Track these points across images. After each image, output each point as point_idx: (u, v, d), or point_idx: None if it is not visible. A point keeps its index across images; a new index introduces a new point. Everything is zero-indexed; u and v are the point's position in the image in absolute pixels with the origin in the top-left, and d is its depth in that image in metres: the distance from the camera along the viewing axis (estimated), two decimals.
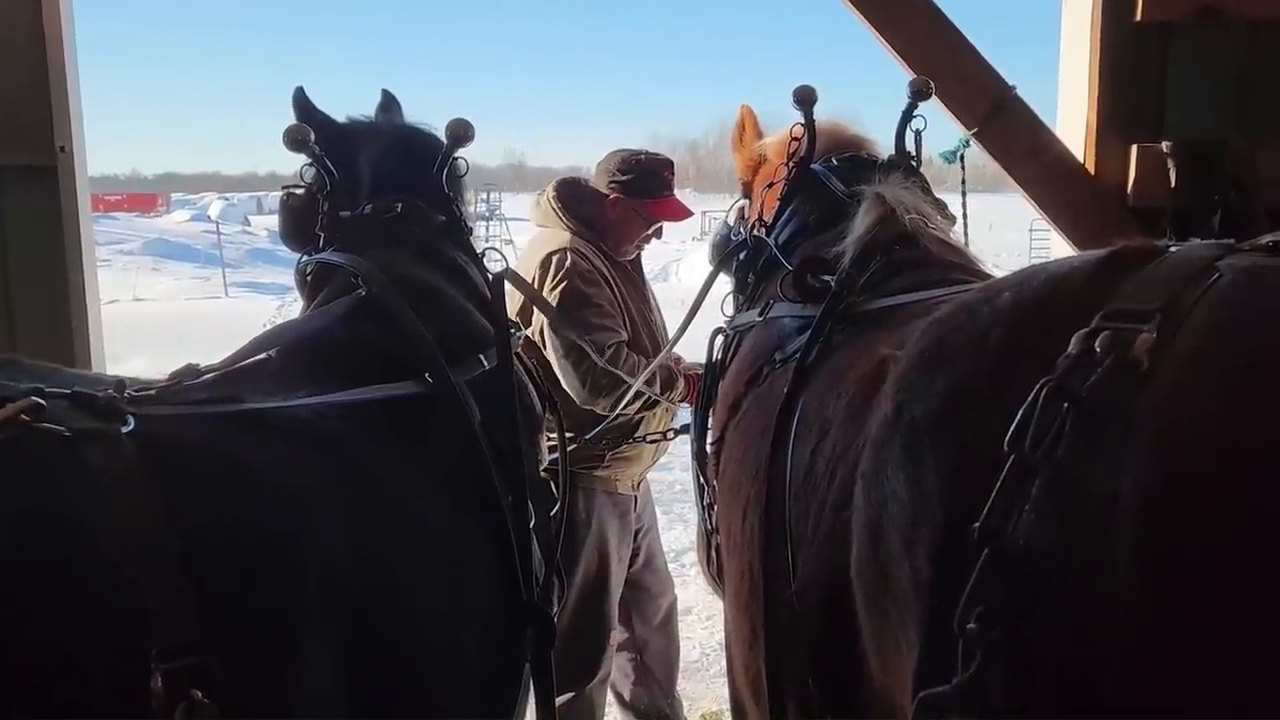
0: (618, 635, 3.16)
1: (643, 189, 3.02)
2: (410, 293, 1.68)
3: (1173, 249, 1.02)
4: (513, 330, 1.94)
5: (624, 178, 3.03)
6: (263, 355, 1.44)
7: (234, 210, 41.84)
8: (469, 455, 1.56)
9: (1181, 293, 0.90)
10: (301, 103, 1.97)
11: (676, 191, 3.24)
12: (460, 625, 1.45)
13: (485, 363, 1.70)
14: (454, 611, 1.43)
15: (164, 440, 1.10)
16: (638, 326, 3.04)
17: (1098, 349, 0.89)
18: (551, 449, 2.14)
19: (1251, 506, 0.75)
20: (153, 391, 1.19)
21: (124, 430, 1.06)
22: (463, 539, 1.50)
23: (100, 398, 1.08)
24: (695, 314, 2.44)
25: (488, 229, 21.77)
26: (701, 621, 4.60)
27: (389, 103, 2.14)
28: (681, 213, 3.16)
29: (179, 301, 18.27)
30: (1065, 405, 0.89)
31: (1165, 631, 0.78)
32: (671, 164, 3.16)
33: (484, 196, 25.05)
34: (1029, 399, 0.90)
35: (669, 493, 5.88)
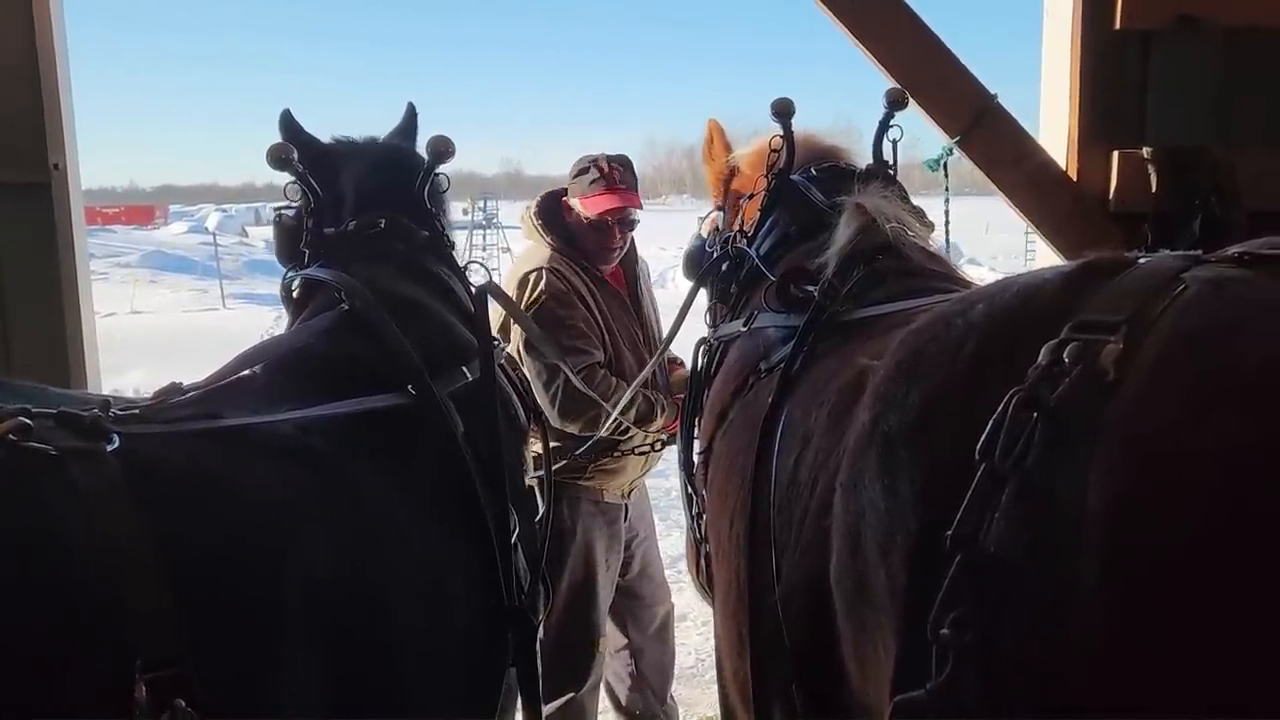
0: (608, 642, 3.16)
1: (581, 187, 3.00)
2: (393, 307, 1.70)
3: (1142, 260, 1.04)
4: (496, 343, 1.95)
5: (572, 181, 3.04)
6: (246, 372, 1.47)
7: (231, 221, 41.83)
8: (452, 465, 1.58)
9: (1148, 304, 0.92)
10: (287, 123, 2.00)
11: (676, 196, 3.20)
12: (443, 632, 1.47)
13: (468, 375, 1.72)
14: (437, 619, 1.46)
15: (148, 458, 1.13)
16: (620, 344, 3.01)
17: (1066, 359, 0.91)
18: (536, 459, 2.15)
19: (1214, 513, 0.77)
20: (137, 410, 1.21)
21: (109, 448, 1.09)
22: (446, 547, 1.52)
23: (85, 417, 1.10)
24: (675, 335, 2.45)
25: (485, 237, 21.76)
26: (697, 628, 4.62)
27: (409, 116, 2.16)
28: (607, 204, 2.96)
29: (176, 313, 18.27)
30: (1034, 415, 0.91)
31: (1131, 636, 0.80)
32: (613, 159, 3.03)
33: (481, 205, 25.04)
34: (999, 409, 0.92)
35: (665, 500, 5.89)
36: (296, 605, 1.16)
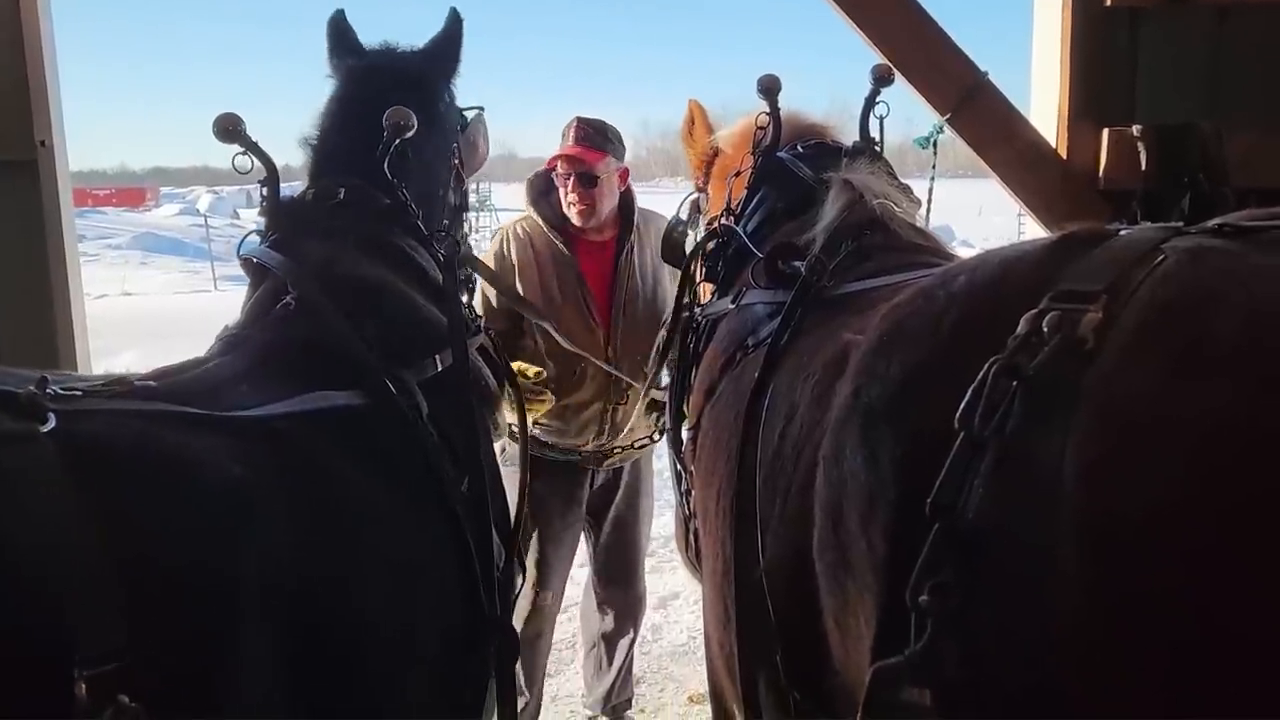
0: (548, 597, 3.21)
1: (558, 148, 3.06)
2: (351, 291, 1.60)
3: (1122, 232, 1.05)
4: (474, 318, 1.88)
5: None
6: (199, 369, 1.39)
7: (223, 204, 41.70)
8: (415, 463, 1.49)
9: (1127, 274, 0.93)
10: (337, 29, 1.97)
11: (670, 179, 3.19)
12: (417, 631, 1.41)
13: (439, 363, 1.63)
14: (410, 613, 1.39)
15: (88, 437, 1.06)
16: (570, 317, 3.00)
17: (1045, 329, 0.92)
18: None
19: (1188, 480, 0.78)
20: (79, 391, 1.13)
21: (44, 429, 1.02)
22: (415, 552, 1.45)
23: (20, 395, 1.03)
24: (671, 341, 2.41)
25: (478, 219, 21.74)
26: (689, 606, 4.65)
27: (451, 26, 2.02)
28: (557, 154, 3.03)
29: (168, 295, 18.20)
30: (1013, 383, 0.91)
31: (1106, 604, 0.81)
32: (587, 120, 3.07)
33: (474, 187, 24.96)
34: (978, 377, 0.93)
35: (657, 480, 5.91)
36: (254, 589, 1.10)
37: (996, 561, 0.89)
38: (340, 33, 2.01)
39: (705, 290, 2.32)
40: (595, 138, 3.04)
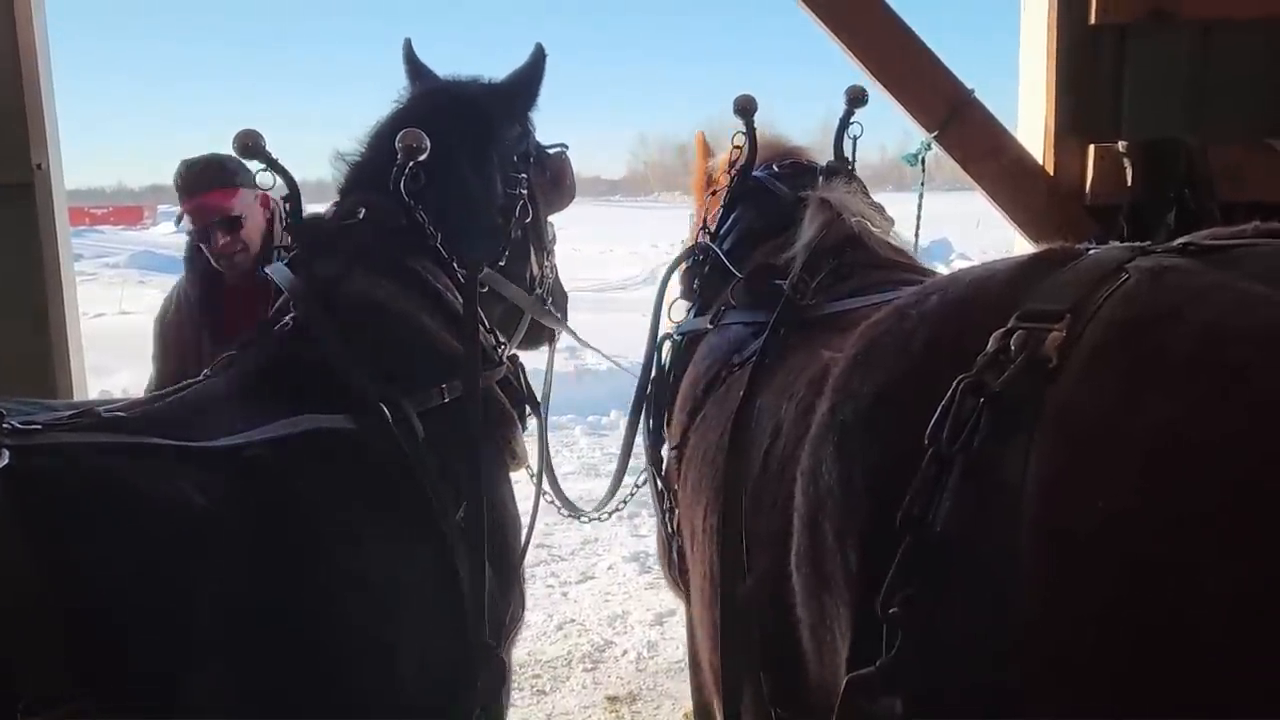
0: None
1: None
2: (349, 313, 1.58)
3: (1091, 252, 1.07)
4: (498, 344, 1.83)
5: None
6: (181, 394, 1.37)
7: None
8: (404, 489, 1.46)
9: (1091, 293, 0.95)
10: (409, 56, 2.03)
11: (668, 193, 3.07)
12: (394, 663, 1.37)
13: (446, 392, 1.60)
14: (386, 651, 1.36)
15: (39, 475, 1.04)
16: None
17: (1012, 347, 0.94)
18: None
19: (1139, 492, 0.79)
20: (39, 424, 1.12)
21: None
22: (396, 579, 1.41)
23: None
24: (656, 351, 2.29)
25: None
26: (685, 622, 4.64)
27: (535, 60, 2.03)
28: (197, 211, 2.82)
29: None
30: (980, 400, 0.93)
31: (1065, 611, 0.82)
32: (187, 166, 2.85)
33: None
34: (947, 395, 0.95)
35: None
36: (211, 624, 1.09)
37: (963, 572, 0.91)
38: (411, 60, 2.08)
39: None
40: (219, 176, 2.82)
